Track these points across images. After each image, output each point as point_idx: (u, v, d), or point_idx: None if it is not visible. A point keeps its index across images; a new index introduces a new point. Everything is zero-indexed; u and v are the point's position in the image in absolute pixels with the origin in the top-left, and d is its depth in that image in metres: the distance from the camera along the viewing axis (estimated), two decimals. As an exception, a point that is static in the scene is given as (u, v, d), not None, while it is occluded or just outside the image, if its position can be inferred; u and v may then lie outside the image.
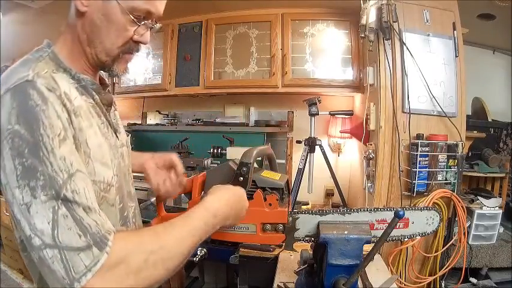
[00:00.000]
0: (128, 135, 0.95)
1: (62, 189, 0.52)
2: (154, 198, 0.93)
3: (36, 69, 0.60)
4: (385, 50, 1.66)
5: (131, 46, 0.71)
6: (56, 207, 0.51)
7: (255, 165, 0.87)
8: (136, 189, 0.90)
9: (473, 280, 1.77)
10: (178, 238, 0.59)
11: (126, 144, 0.85)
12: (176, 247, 0.59)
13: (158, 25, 0.73)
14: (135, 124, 2.63)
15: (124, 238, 0.55)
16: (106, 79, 0.82)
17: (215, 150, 2.12)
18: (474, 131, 2.02)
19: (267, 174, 0.86)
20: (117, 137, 0.79)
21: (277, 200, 0.81)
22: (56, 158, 0.53)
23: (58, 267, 0.50)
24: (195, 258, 1.58)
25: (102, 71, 0.76)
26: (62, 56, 0.68)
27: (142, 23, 0.69)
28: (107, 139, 0.72)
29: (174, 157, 0.92)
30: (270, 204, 0.81)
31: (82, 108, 0.66)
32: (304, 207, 2.07)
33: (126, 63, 0.74)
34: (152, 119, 2.73)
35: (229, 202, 0.73)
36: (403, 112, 1.65)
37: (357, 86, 2.00)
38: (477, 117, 2.28)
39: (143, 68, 2.37)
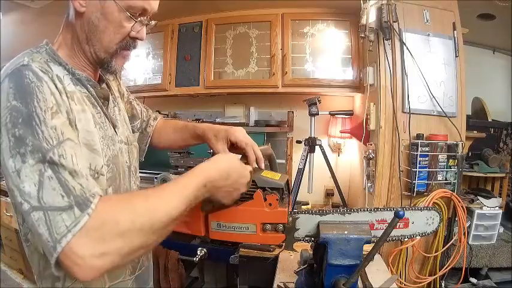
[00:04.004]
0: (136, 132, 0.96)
1: (48, 152, 0.53)
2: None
3: (32, 57, 0.64)
4: (385, 50, 1.66)
5: (128, 42, 0.74)
6: (43, 170, 0.53)
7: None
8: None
9: (473, 280, 1.77)
10: (168, 203, 0.58)
11: (127, 142, 0.85)
12: (165, 212, 0.57)
13: (153, 22, 0.76)
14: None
15: (110, 201, 0.55)
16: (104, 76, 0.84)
17: (215, 150, 2.12)
18: (474, 131, 2.02)
19: (267, 174, 0.86)
20: (115, 131, 0.79)
21: (277, 200, 0.81)
22: (47, 127, 0.55)
23: (43, 230, 0.51)
24: (195, 258, 1.58)
25: (100, 69, 0.78)
26: (60, 53, 0.71)
27: (139, 19, 0.72)
28: (102, 128, 0.74)
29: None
30: (270, 204, 0.81)
31: (75, 93, 0.69)
32: (304, 207, 2.07)
33: (124, 59, 0.76)
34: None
35: (224, 172, 0.70)
36: (403, 112, 1.65)
37: (357, 86, 2.00)
38: (477, 117, 2.27)
39: (143, 68, 2.37)
